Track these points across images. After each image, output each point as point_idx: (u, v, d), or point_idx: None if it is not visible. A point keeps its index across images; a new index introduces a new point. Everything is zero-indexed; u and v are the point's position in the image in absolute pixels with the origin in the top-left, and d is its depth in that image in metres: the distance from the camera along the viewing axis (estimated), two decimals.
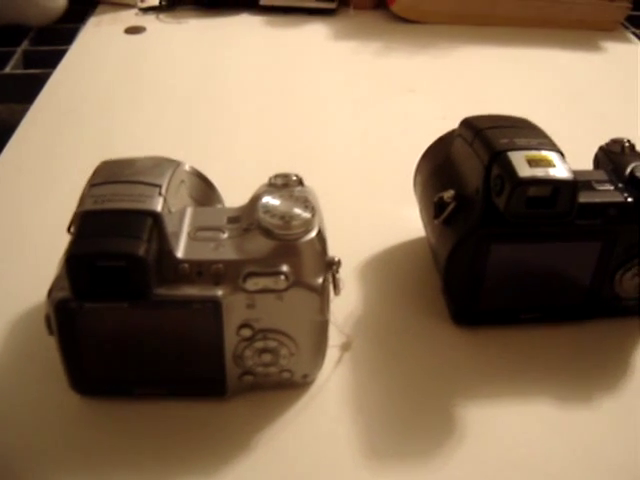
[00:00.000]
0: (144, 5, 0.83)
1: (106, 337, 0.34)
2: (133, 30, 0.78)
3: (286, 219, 0.33)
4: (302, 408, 0.36)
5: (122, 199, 0.33)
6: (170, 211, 0.34)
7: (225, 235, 0.34)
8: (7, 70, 0.71)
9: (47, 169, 0.55)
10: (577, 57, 0.80)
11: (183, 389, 0.36)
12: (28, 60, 0.75)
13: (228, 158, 0.56)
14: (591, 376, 0.39)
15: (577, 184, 0.36)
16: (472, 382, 0.38)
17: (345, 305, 0.42)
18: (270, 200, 0.34)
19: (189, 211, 0.35)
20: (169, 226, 0.33)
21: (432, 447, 0.34)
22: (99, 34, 0.77)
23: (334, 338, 0.39)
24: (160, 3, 0.82)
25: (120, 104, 0.64)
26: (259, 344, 0.34)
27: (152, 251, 0.31)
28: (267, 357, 0.35)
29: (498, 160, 0.37)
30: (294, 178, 0.36)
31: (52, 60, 0.73)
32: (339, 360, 0.39)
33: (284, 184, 0.36)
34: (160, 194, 0.33)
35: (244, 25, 0.81)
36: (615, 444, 0.35)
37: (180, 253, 0.33)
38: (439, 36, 0.80)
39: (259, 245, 0.33)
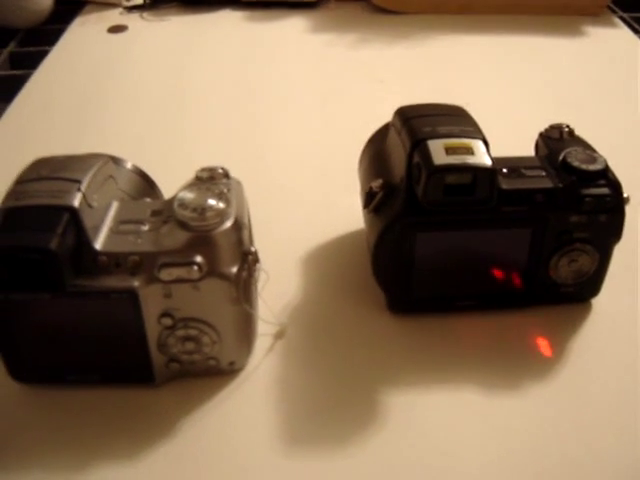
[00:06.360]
0: (129, 4, 0.85)
1: (36, 327, 0.35)
2: (115, 29, 0.79)
3: (199, 211, 0.34)
4: (227, 395, 0.37)
5: (41, 195, 0.34)
6: (91, 206, 0.35)
7: (146, 227, 0.35)
8: None
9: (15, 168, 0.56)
10: (561, 43, 0.78)
11: (114, 376, 0.37)
12: (14, 61, 0.77)
13: (191, 153, 0.57)
14: (523, 364, 0.39)
15: (495, 171, 0.36)
16: (402, 370, 0.39)
17: (283, 294, 0.43)
18: (186, 193, 0.35)
19: (115, 205, 0.36)
20: (90, 220, 0.34)
21: (351, 433, 0.35)
22: (82, 34, 0.79)
23: (268, 326, 0.40)
24: (144, 1, 0.84)
25: (94, 102, 0.65)
26: (181, 332, 0.35)
27: (67, 244, 0.33)
28: (190, 345, 0.36)
29: (418, 148, 0.37)
30: (220, 171, 0.37)
31: (37, 61, 0.75)
32: (271, 348, 0.40)
33: (210, 177, 0.37)
34: (79, 190, 0.34)
35: (225, 21, 0.82)
36: (540, 431, 0.35)
37: (99, 245, 0.34)
38: (419, 26, 0.79)
39: (175, 237, 0.34)
